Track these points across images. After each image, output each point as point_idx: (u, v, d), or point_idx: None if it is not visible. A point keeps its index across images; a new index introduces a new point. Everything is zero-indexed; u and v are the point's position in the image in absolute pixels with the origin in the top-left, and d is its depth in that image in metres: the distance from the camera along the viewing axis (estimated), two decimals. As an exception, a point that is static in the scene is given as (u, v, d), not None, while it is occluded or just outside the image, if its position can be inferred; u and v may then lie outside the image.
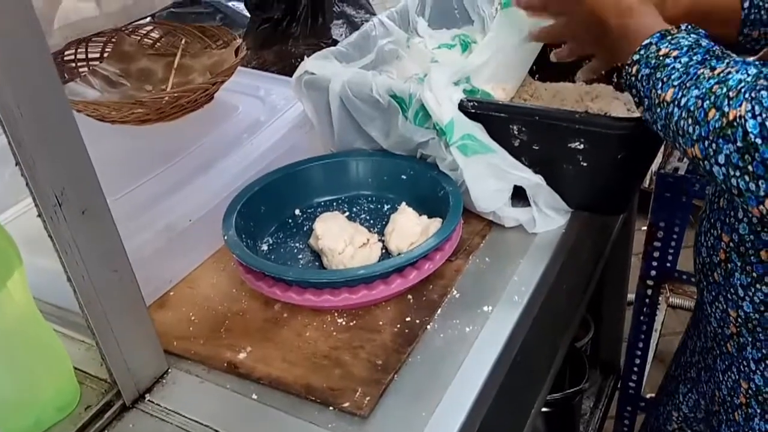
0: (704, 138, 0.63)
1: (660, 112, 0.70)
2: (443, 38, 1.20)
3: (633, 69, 0.74)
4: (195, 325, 0.85)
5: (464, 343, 0.79)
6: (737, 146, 0.59)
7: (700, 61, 0.68)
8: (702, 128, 0.63)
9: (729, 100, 0.61)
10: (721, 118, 0.61)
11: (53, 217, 0.62)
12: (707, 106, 0.63)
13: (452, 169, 0.93)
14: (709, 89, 0.64)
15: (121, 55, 1.22)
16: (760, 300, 0.72)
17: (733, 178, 0.61)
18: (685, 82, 0.67)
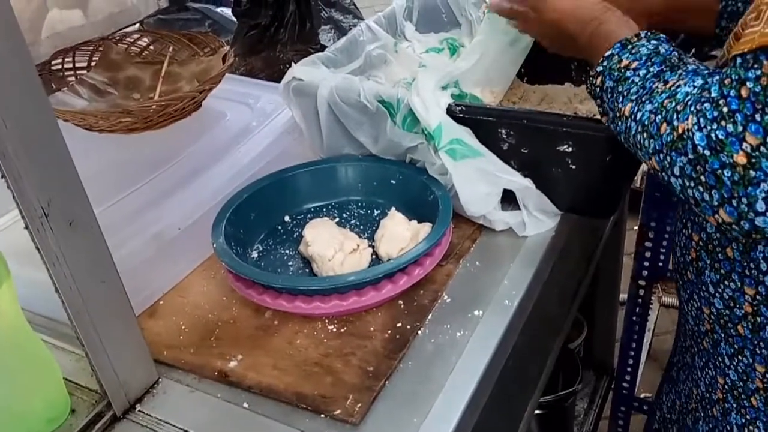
0: (659, 151, 0.65)
1: (621, 125, 0.72)
2: (431, 42, 1.20)
3: (597, 80, 0.76)
4: (185, 334, 0.85)
5: (455, 348, 0.79)
6: (689, 158, 0.61)
7: (656, 74, 0.69)
8: (656, 142, 0.65)
9: (677, 114, 0.63)
10: (672, 132, 0.63)
11: (40, 229, 0.62)
12: (659, 120, 0.65)
13: (441, 173, 0.93)
14: (661, 103, 0.66)
15: (109, 63, 1.22)
16: (729, 296, 0.73)
17: (689, 189, 0.62)
18: (641, 96, 0.69)
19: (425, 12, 1.24)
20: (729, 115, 0.58)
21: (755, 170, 0.56)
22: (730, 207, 0.59)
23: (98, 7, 1.33)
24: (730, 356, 0.77)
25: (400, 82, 1.09)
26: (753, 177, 0.57)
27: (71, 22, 1.28)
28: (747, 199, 0.58)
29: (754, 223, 0.59)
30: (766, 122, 0.56)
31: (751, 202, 0.58)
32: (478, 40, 1.04)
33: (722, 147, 0.58)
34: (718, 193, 0.59)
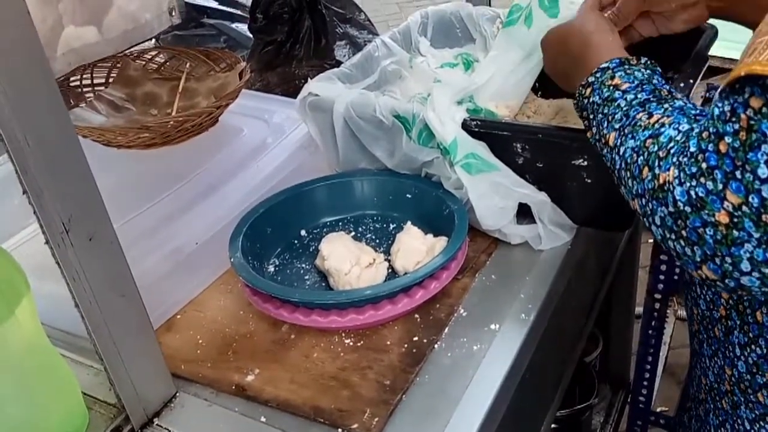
0: (641, 195, 0.63)
1: (606, 154, 0.71)
2: (446, 57, 1.21)
3: (586, 91, 0.74)
4: (202, 348, 0.85)
5: (472, 362, 0.79)
6: (669, 211, 0.58)
7: (642, 102, 0.67)
8: (639, 185, 0.63)
9: (659, 161, 0.61)
10: (654, 179, 0.61)
11: (60, 245, 0.63)
12: (641, 162, 0.63)
13: (457, 187, 0.93)
14: (643, 143, 0.64)
15: (126, 79, 1.23)
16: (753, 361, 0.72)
17: (670, 241, 0.60)
18: (624, 126, 0.67)
19: (440, 27, 1.25)
20: (708, 172, 0.55)
21: (738, 230, 0.54)
22: (713, 264, 0.57)
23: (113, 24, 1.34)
24: (751, 421, 0.75)
25: (416, 97, 1.09)
26: (736, 237, 0.54)
27: (86, 39, 1.29)
28: (731, 258, 0.55)
29: (739, 282, 0.56)
30: (747, 180, 0.53)
31: (735, 262, 0.55)
32: (492, 55, 1.05)
33: (703, 205, 0.55)
34: (700, 249, 0.57)
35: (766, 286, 0.55)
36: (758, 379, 0.72)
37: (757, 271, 0.55)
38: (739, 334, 0.73)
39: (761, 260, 0.54)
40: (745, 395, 0.74)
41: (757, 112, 0.52)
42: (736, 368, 0.75)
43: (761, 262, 0.54)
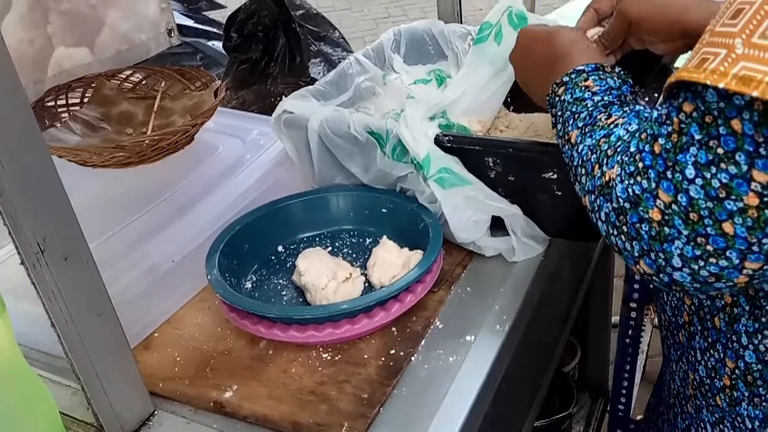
0: (592, 192, 0.65)
1: (566, 150, 0.73)
2: (419, 74, 1.23)
3: (560, 90, 0.76)
4: (180, 366, 0.85)
5: (448, 373, 0.80)
6: (613, 206, 0.61)
7: (606, 105, 0.70)
8: (590, 182, 0.66)
9: (607, 158, 0.63)
10: (601, 176, 0.63)
11: (36, 265, 0.63)
12: (594, 160, 0.66)
13: (431, 201, 0.95)
14: (597, 141, 0.66)
15: (101, 99, 1.24)
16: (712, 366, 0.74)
17: (612, 236, 0.62)
18: (586, 125, 0.70)
19: (412, 45, 1.26)
20: (644, 171, 0.58)
21: (669, 227, 0.56)
22: (649, 260, 0.59)
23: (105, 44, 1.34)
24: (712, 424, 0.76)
25: (389, 113, 1.11)
26: (668, 233, 0.57)
27: (78, 59, 1.29)
28: (664, 254, 0.58)
29: (672, 277, 0.58)
30: (676, 180, 0.55)
31: (667, 258, 0.58)
32: (464, 72, 1.07)
33: (639, 202, 0.58)
34: (638, 245, 0.59)
35: (697, 282, 0.57)
36: (716, 383, 0.74)
37: (688, 267, 0.57)
38: (700, 339, 0.75)
39: (690, 257, 0.56)
40: (706, 399, 0.76)
41: (688, 116, 0.54)
42: (698, 372, 0.76)
43: (690, 259, 0.56)
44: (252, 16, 1.40)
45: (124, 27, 1.34)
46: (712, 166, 0.53)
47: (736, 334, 0.70)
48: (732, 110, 0.51)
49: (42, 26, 1.20)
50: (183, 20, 2.84)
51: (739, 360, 0.71)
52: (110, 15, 1.30)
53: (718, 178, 0.53)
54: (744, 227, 0.53)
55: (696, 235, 0.55)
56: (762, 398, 0.70)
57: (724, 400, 0.74)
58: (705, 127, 0.53)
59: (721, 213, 0.54)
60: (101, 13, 1.28)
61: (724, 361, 0.72)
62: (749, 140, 0.51)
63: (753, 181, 0.52)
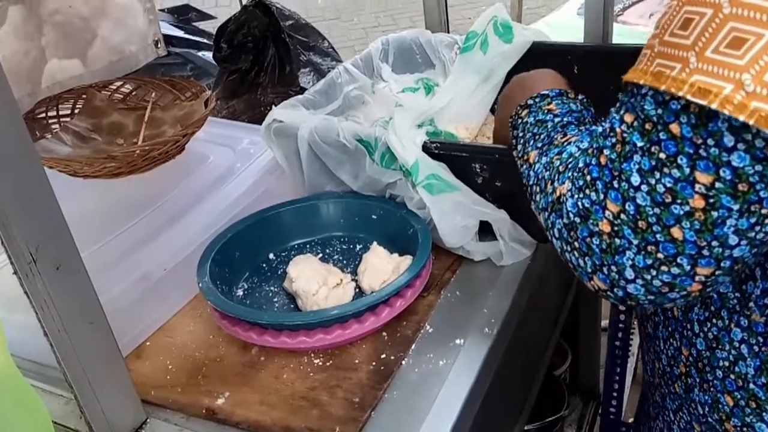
0: (545, 209, 0.66)
1: (524, 170, 0.74)
2: (407, 82, 1.24)
3: (523, 112, 0.78)
4: (172, 374, 0.86)
5: (438, 377, 0.81)
6: (564, 222, 0.61)
7: (563, 125, 0.72)
8: (544, 199, 0.66)
9: (559, 175, 0.64)
10: (553, 192, 0.64)
11: (28, 274, 0.63)
12: (547, 177, 0.66)
13: (420, 207, 0.96)
14: (551, 159, 0.67)
15: (92, 110, 1.24)
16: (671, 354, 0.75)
17: (566, 253, 0.62)
18: (544, 146, 0.71)
19: (400, 54, 1.28)
20: (592, 183, 0.58)
21: (619, 238, 0.56)
22: (602, 274, 0.59)
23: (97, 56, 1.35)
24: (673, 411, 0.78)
25: (378, 121, 1.12)
26: (618, 245, 0.57)
27: (70, 71, 1.29)
28: (616, 267, 0.57)
29: (626, 290, 0.58)
30: (623, 189, 0.56)
31: (620, 270, 0.57)
32: (451, 80, 1.08)
33: (588, 215, 0.58)
34: (590, 260, 0.59)
35: (651, 293, 0.57)
36: (675, 370, 0.75)
37: (641, 278, 0.57)
38: (663, 329, 0.76)
39: (642, 267, 0.56)
40: (668, 387, 0.78)
41: (629, 126, 0.56)
42: (660, 362, 0.78)
43: (642, 269, 0.56)
44: (242, 27, 1.41)
45: (115, 39, 1.35)
46: (656, 171, 0.54)
47: (690, 322, 0.71)
48: (670, 115, 0.53)
49: (36, 38, 1.21)
50: (173, 31, 2.85)
51: (692, 347, 0.72)
52: (102, 27, 1.31)
53: (662, 182, 0.54)
54: (692, 231, 0.54)
55: (646, 243, 0.55)
56: (710, 384, 0.71)
57: (681, 387, 0.75)
58: (646, 134, 0.54)
59: (668, 218, 0.54)
60: (93, 25, 1.29)
61: (680, 349, 0.74)
62: (689, 143, 0.52)
63: (697, 183, 0.52)
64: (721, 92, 0.49)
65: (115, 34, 1.35)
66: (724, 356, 0.69)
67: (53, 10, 1.22)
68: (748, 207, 0.52)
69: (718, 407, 0.71)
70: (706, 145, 0.51)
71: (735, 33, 0.49)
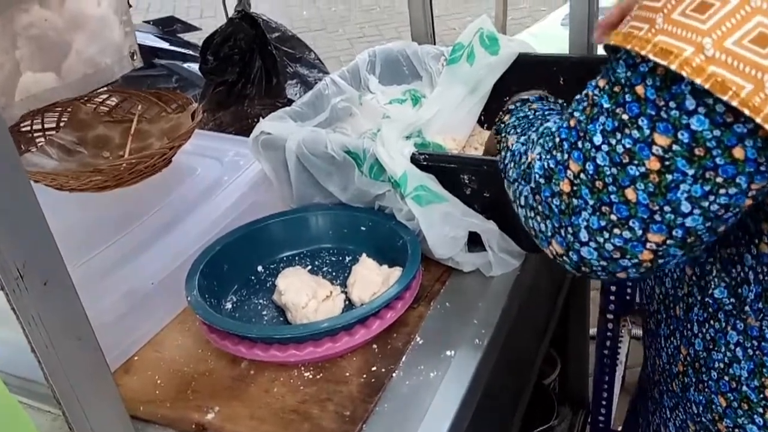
0: (516, 180, 0.67)
1: (504, 154, 0.75)
2: (394, 94, 1.25)
3: (505, 117, 0.80)
4: (161, 389, 0.85)
5: (429, 389, 0.80)
6: (530, 187, 0.62)
7: (544, 113, 0.74)
8: (516, 170, 0.67)
9: (532, 144, 0.66)
10: (525, 161, 0.65)
11: (15, 290, 0.63)
12: (522, 150, 0.68)
13: (409, 219, 0.96)
14: (528, 136, 0.69)
15: (78, 123, 1.23)
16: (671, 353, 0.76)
17: (530, 219, 0.63)
18: (524, 128, 0.73)
19: (387, 65, 1.29)
20: (559, 145, 0.60)
21: (576, 198, 0.57)
22: (560, 237, 0.60)
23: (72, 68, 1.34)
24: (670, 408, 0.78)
25: (366, 132, 1.13)
26: (576, 205, 0.58)
27: (45, 84, 1.28)
28: (572, 228, 0.58)
29: (579, 253, 0.59)
30: (585, 149, 0.57)
31: (575, 232, 0.58)
32: (438, 91, 1.09)
33: (552, 175, 0.60)
34: (550, 222, 0.60)
35: (603, 258, 0.58)
36: (673, 368, 0.76)
37: (593, 241, 0.57)
38: (665, 327, 0.77)
39: (596, 228, 0.57)
40: (666, 384, 0.78)
41: (601, 90, 0.57)
42: (661, 359, 0.78)
43: (596, 230, 0.57)
44: (228, 39, 1.41)
45: (90, 51, 1.34)
46: (617, 132, 0.55)
47: (690, 322, 0.72)
48: (637, 77, 0.54)
49: (11, 51, 1.20)
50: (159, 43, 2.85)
51: (690, 347, 0.73)
52: (77, 40, 1.30)
53: (622, 143, 0.54)
54: (645, 193, 0.54)
55: (601, 204, 0.56)
56: (705, 384, 0.72)
57: (678, 386, 0.76)
58: (613, 96, 0.55)
59: (624, 179, 0.55)
60: (68, 38, 1.28)
61: (679, 348, 0.74)
62: (651, 105, 0.53)
63: (654, 145, 0.53)
64: (681, 54, 0.50)
65: (90, 47, 1.33)
66: (720, 358, 0.70)
67: (28, 23, 1.21)
68: (703, 173, 0.53)
69: (711, 407, 0.72)
70: (667, 107, 0.52)
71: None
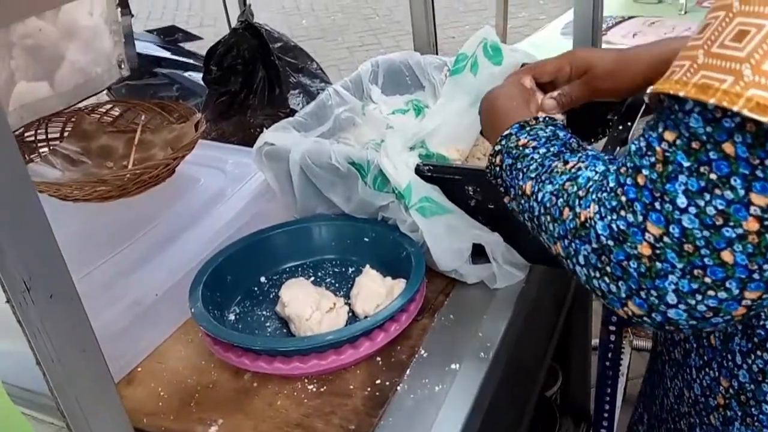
0: (563, 237, 0.63)
1: (524, 204, 0.71)
2: (397, 104, 1.25)
3: (497, 159, 0.75)
4: (164, 400, 0.85)
5: (434, 403, 0.80)
6: (593, 247, 0.58)
7: (556, 153, 0.69)
8: (560, 226, 0.63)
9: (579, 199, 0.61)
10: (575, 218, 0.61)
11: (22, 303, 0.62)
12: (561, 204, 0.63)
13: (413, 230, 0.96)
14: (562, 185, 0.65)
15: (81, 133, 1.24)
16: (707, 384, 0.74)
17: (595, 280, 0.59)
18: (540, 174, 0.68)
19: (390, 75, 1.29)
20: (628, 205, 0.56)
21: (661, 261, 0.54)
22: (639, 299, 0.56)
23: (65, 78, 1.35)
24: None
25: (369, 143, 1.13)
26: (660, 269, 0.54)
27: (38, 93, 1.29)
28: (656, 291, 0.55)
29: (666, 315, 0.56)
30: (667, 211, 0.53)
31: (660, 295, 0.55)
32: (441, 102, 1.09)
33: (625, 237, 0.56)
34: (626, 284, 0.56)
35: (694, 318, 0.55)
36: (711, 401, 0.74)
37: (684, 303, 0.55)
38: (696, 357, 0.74)
39: (687, 291, 0.54)
40: (700, 417, 0.76)
41: (671, 144, 0.53)
42: (693, 390, 0.76)
43: (687, 293, 0.54)
44: (231, 49, 1.41)
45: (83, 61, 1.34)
46: (706, 193, 0.51)
47: (731, 353, 0.69)
48: (722, 134, 0.50)
49: (6, 60, 1.20)
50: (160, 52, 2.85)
51: (733, 379, 0.70)
52: (70, 49, 1.31)
53: (713, 204, 0.51)
54: (744, 254, 0.51)
55: (692, 267, 0.53)
56: (754, 418, 0.70)
57: (717, 419, 0.73)
58: (693, 154, 0.52)
59: (719, 242, 0.52)
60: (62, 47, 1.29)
61: (718, 379, 0.71)
62: (744, 163, 0.50)
63: (752, 205, 0.50)
64: (721, 86, 0.47)
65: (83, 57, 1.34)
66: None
67: (24, 33, 1.22)
68: None
69: None
70: (764, 166, 0.49)
71: None
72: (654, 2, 2.45)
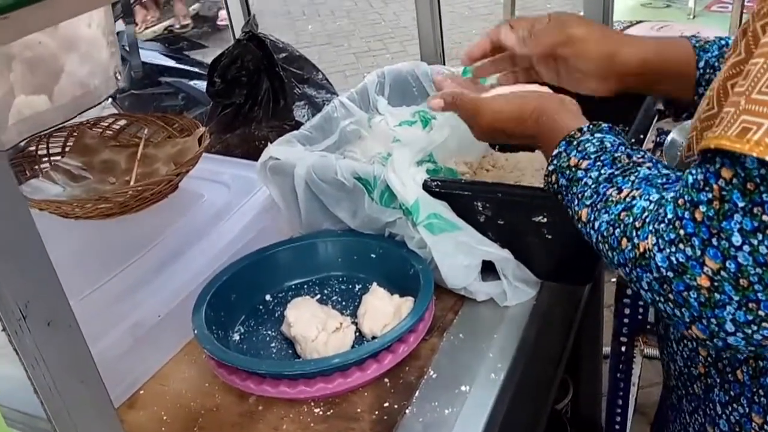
0: (624, 264, 0.64)
1: (582, 229, 0.72)
2: (403, 115, 1.22)
3: (552, 178, 0.76)
4: (167, 425, 0.83)
5: (444, 427, 0.78)
6: (654, 276, 0.60)
7: (607, 178, 0.70)
8: (619, 255, 0.65)
9: (636, 230, 0.63)
10: (634, 249, 0.62)
11: (18, 331, 0.60)
12: (618, 234, 0.65)
13: (421, 247, 0.94)
14: (618, 215, 0.66)
15: (83, 148, 1.22)
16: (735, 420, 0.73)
17: (660, 303, 0.61)
18: (596, 203, 0.69)
19: (396, 86, 1.27)
20: (686, 239, 0.57)
21: (719, 293, 0.56)
22: (701, 325, 0.59)
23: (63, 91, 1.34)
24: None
25: (376, 156, 1.11)
26: (718, 300, 0.56)
27: (37, 107, 1.28)
28: (716, 320, 0.57)
29: (726, 341, 0.58)
30: (723, 247, 0.55)
31: (720, 323, 0.57)
32: (448, 114, 1.06)
33: (684, 270, 0.58)
34: (688, 312, 0.59)
35: (752, 345, 0.58)
36: None
37: (741, 332, 0.57)
38: (720, 392, 0.73)
39: (743, 321, 0.56)
40: None
41: (728, 182, 0.54)
42: (718, 426, 0.75)
43: (743, 323, 0.56)
44: (235, 60, 1.39)
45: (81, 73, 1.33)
46: (758, 233, 0.53)
47: (763, 388, 0.69)
48: None
49: (5, 74, 1.19)
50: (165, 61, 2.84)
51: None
52: (69, 62, 1.30)
53: (765, 244, 0.53)
54: None
55: (747, 300, 0.55)
56: None
57: None
58: (747, 195, 0.53)
59: None
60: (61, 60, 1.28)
61: (750, 416, 0.71)
62: None
63: None
64: None
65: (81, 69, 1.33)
66: None
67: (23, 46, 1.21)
68: None
69: None
70: None
71: None
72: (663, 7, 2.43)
